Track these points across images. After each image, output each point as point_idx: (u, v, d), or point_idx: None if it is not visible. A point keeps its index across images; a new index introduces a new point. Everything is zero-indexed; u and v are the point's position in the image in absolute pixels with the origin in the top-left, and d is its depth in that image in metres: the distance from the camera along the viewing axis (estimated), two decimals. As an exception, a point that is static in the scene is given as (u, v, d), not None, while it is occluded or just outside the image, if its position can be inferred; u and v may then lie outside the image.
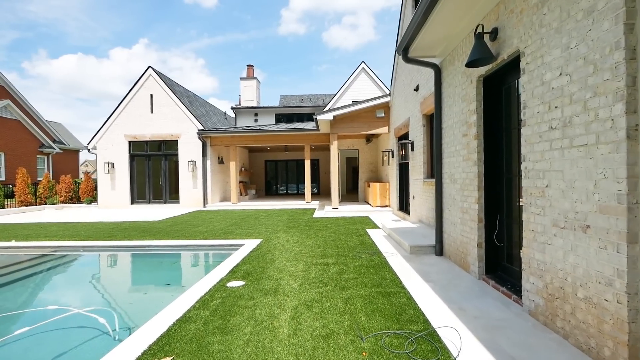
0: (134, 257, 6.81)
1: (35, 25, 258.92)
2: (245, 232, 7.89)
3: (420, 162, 7.48)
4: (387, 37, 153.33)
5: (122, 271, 6.16)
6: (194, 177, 14.41)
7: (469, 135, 4.08)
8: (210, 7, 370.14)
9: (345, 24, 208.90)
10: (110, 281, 5.50)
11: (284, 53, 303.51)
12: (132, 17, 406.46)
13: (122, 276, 5.83)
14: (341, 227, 8.18)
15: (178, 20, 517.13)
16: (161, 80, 14.46)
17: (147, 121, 14.52)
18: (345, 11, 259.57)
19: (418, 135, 7.62)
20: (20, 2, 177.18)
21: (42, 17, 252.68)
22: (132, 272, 6.11)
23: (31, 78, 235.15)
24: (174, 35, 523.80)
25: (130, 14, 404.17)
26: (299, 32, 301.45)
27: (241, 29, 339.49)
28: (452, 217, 4.66)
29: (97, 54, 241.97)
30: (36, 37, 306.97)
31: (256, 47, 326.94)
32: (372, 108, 11.17)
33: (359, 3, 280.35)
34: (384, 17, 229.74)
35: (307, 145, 14.34)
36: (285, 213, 11.65)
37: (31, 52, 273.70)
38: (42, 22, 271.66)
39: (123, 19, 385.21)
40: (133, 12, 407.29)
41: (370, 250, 5.66)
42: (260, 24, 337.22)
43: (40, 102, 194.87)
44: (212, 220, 10.07)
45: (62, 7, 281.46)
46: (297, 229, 8.12)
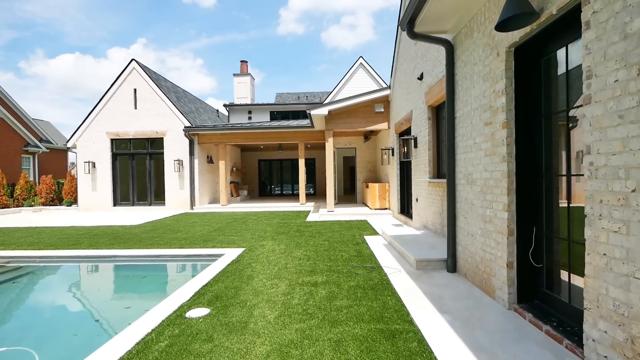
0: (91, 271, 5.91)
1: (33, 24, 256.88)
2: (228, 239, 6.99)
3: (425, 160, 6.60)
4: (386, 37, 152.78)
5: (73, 290, 5.22)
6: (181, 178, 13.49)
7: (493, 123, 3.19)
8: (209, 7, 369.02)
9: (344, 24, 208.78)
10: (53, 304, 4.58)
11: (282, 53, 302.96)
12: (130, 16, 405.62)
13: (70, 298, 4.88)
14: (336, 234, 7.28)
15: (176, 20, 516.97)
16: (145, 74, 13.54)
17: (131, 118, 13.60)
18: (344, 11, 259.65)
19: (422, 129, 6.74)
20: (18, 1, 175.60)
21: (39, 17, 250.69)
22: (83, 291, 5.18)
23: (28, 78, 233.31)
24: (172, 35, 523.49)
25: (128, 13, 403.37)
26: (298, 32, 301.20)
27: (240, 29, 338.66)
28: (469, 227, 3.78)
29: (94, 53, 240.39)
30: (33, 36, 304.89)
31: (255, 47, 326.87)
32: (370, 102, 10.29)
33: (358, 3, 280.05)
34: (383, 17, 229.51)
35: (301, 143, 13.45)
36: (277, 216, 10.76)
37: (28, 51, 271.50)
38: (39, 22, 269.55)
39: (121, 19, 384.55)
40: (131, 12, 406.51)
41: (368, 264, 4.77)
42: (259, 23, 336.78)
43: (37, 102, 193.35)
44: (195, 225, 9.16)
45: (59, 7, 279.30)
46: (286, 236, 7.23)
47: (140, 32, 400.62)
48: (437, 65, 5.81)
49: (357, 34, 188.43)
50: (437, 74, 5.77)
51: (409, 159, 7.46)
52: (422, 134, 6.81)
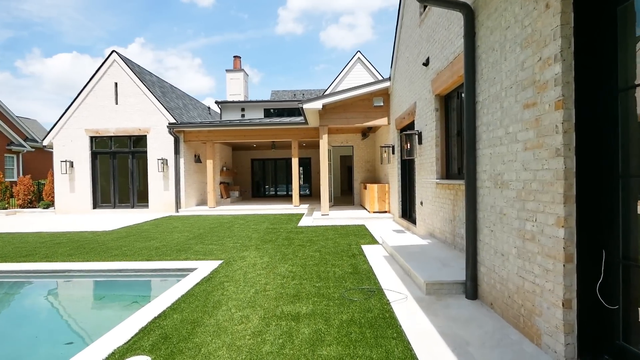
0: (32, 291, 4.99)
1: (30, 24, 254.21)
2: (206, 249, 6.08)
3: (432, 158, 5.72)
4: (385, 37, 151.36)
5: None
6: (165, 178, 12.56)
7: (539, 104, 2.31)
8: (207, 6, 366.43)
9: (343, 24, 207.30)
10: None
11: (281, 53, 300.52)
12: (128, 16, 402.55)
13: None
14: (329, 242, 6.39)
15: (175, 19, 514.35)
16: (127, 67, 12.60)
17: (111, 114, 12.65)
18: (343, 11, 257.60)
19: (428, 123, 5.86)
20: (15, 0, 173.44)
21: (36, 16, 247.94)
22: (11, 318, 4.24)
23: (25, 77, 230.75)
24: (170, 35, 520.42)
25: (126, 13, 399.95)
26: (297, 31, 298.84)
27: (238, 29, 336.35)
28: (497, 244, 2.89)
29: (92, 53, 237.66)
30: (31, 36, 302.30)
31: (253, 46, 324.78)
32: (368, 95, 9.40)
33: (356, 3, 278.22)
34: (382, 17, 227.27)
35: (294, 141, 12.55)
36: (267, 220, 9.85)
37: (25, 51, 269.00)
38: (36, 21, 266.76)
39: (119, 18, 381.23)
40: (129, 12, 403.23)
41: (366, 285, 3.87)
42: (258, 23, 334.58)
43: (34, 102, 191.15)
44: (174, 231, 8.24)
45: (57, 6, 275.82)
46: (273, 245, 6.32)
47: (138, 32, 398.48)
48: (446, 45, 4.92)
49: (356, 33, 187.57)
50: (447, 55, 4.89)
51: (412, 157, 6.58)
52: (427, 128, 5.93)
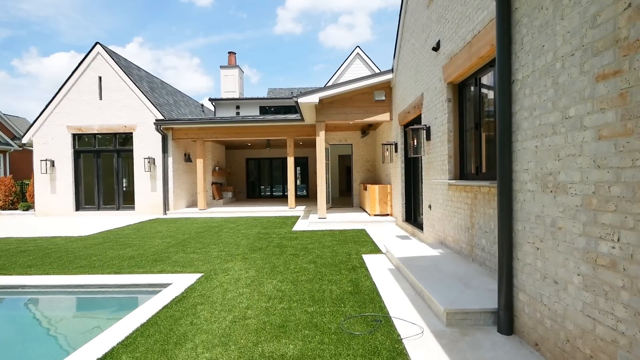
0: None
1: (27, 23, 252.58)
2: (186, 259, 5.34)
3: (442, 156, 5.00)
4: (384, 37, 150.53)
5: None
6: (153, 178, 11.80)
7: (626, 71, 1.59)
8: (206, 6, 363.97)
9: (342, 24, 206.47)
10: None
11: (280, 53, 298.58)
12: (127, 15, 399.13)
13: None
14: (326, 251, 5.65)
15: (173, 19, 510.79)
16: (112, 60, 11.84)
17: (95, 110, 11.88)
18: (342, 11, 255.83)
19: (439, 116, 5.14)
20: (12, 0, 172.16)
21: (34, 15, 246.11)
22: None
23: (21, 77, 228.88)
24: (169, 34, 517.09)
25: (124, 12, 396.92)
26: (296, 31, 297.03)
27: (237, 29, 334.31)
28: (548, 266, 2.18)
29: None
30: (28, 35, 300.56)
31: (252, 46, 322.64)
32: (369, 88, 8.68)
33: (355, 3, 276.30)
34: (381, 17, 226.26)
35: (289, 139, 11.82)
36: (259, 224, 9.11)
37: (22, 50, 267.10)
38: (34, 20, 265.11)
39: (117, 18, 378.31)
40: (127, 11, 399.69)
41: (370, 310, 3.15)
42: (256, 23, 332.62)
43: (31, 101, 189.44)
44: (156, 236, 7.50)
45: (54, 5, 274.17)
46: (262, 253, 5.59)
47: (136, 31, 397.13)
48: (462, 23, 4.21)
49: (354, 33, 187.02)
50: (464, 35, 4.17)
51: (419, 155, 5.86)
52: (437, 121, 5.21)
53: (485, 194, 3.71)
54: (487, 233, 3.68)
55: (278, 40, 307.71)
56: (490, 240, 3.61)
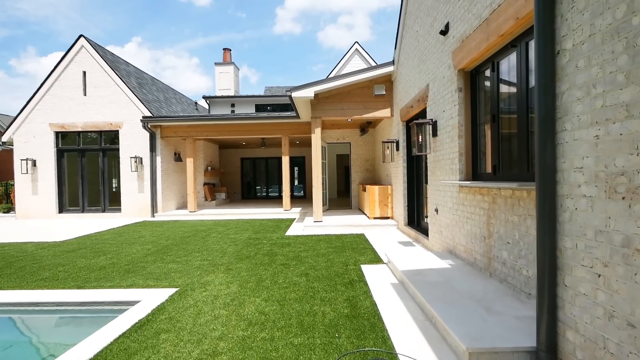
0: None
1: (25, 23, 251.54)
2: (163, 270, 4.73)
3: (452, 154, 4.41)
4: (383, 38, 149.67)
5: None
6: (140, 179, 11.18)
7: None
8: (205, 5, 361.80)
9: (341, 24, 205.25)
10: None
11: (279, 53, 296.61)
12: (125, 15, 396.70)
13: None
14: (320, 260, 5.05)
15: (172, 19, 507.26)
16: (97, 54, 11.20)
17: (79, 106, 11.25)
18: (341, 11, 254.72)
19: (447, 108, 4.54)
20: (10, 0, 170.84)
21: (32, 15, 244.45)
22: None
23: (19, 76, 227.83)
24: (167, 34, 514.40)
25: (123, 12, 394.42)
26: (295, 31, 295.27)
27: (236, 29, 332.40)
28: (619, 304, 1.58)
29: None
30: (26, 34, 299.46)
31: (251, 46, 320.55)
32: (368, 82, 8.08)
33: (355, 3, 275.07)
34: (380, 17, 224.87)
35: (284, 137, 11.21)
36: (251, 227, 8.51)
37: (20, 50, 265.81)
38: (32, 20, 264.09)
39: (116, 18, 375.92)
40: (126, 11, 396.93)
41: (371, 343, 2.54)
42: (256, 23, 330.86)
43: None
44: (137, 242, 6.88)
45: (53, 5, 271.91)
46: (249, 263, 4.98)
47: (135, 31, 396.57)
48: (476, 1, 3.61)
49: (354, 33, 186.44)
50: (479, 12, 3.58)
51: (423, 153, 5.26)
52: (445, 115, 4.61)
53: (507, 198, 3.11)
54: (509, 245, 3.08)
55: (277, 40, 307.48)
56: (514, 253, 3.01)
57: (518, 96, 3.17)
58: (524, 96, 3.07)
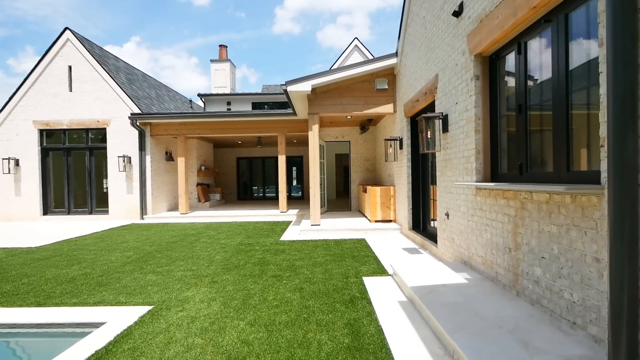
0: None
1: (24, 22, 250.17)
2: (140, 283, 4.18)
3: (468, 151, 3.88)
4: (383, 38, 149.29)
5: None
6: (129, 179, 10.61)
7: None
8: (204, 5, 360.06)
9: (341, 24, 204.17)
10: None
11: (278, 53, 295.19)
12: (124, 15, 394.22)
13: None
14: (317, 271, 4.50)
15: (171, 18, 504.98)
16: (83, 48, 10.63)
17: (65, 103, 10.68)
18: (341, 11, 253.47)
19: (461, 100, 4.01)
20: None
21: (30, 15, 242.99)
22: None
23: (17, 76, 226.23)
24: (166, 34, 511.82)
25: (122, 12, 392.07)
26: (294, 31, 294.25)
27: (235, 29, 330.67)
28: None
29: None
30: (24, 34, 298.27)
31: (250, 46, 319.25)
32: (369, 75, 7.54)
33: (354, 3, 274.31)
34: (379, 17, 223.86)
35: (281, 135, 10.66)
36: (244, 231, 7.95)
37: (18, 49, 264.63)
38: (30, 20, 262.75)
39: (115, 17, 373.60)
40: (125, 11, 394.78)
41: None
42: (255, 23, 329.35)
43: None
44: (118, 248, 6.33)
45: (51, 5, 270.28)
46: (237, 275, 4.43)
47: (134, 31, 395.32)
48: (502, -31, 3.07)
49: (353, 33, 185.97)
50: (504, -16, 3.03)
51: (432, 151, 4.72)
52: (459, 107, 4.07)
53: (542, 204, 2.58)
54: (545, 260, 2.55)
55: (276, 40, 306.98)
56: (551, 271, 2.47)
57: (554, 82, 2.63)
58: (562, 81, 2.54)
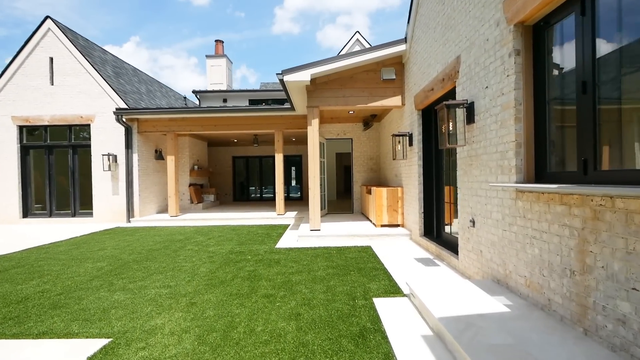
0: None
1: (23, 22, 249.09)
2: (102, 306, 3.44)
3: (504, 144, 3.15)
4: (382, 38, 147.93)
5: None
6: (114, 179, 9.87)
7: None
8: (203, 5, 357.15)
9: (340, 24, 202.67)
10: None
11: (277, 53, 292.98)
12: (124, 15, 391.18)
13: None
14: (318, 289, 3.76)
15: (170, 18, 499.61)
16: (66, 38, 9.89)
17: (46, 97, 9.93)
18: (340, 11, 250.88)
19: (494, 82, 3.27)
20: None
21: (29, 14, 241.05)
22: None
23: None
24: (166, 34, 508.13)
25: (121, 12, 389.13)
26: (293, 31, 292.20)
27: (235, 29, 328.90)
28: None
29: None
30: (23, 34, 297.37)
31: (249, 46, 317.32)
32: (375, 64, 6.81)
33: (353, 3, 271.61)
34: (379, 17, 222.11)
35: (278, 132, 9.93)
36: (236, 237, 7.21)
37: (17, 48, 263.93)
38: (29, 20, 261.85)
39: (114, 17, 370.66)
40: (124, 10, 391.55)
41: None
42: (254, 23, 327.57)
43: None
44: (91, 258, 5.59)
45: (50, 4, 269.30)
46: (222, 293, 3.70)
47: (133, 31, 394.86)
48: None
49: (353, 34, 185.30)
50: None
51: (455, 146, 3.98)
52: (490, 92, 3.34)
53: (631, 213, 1.84)
54: (638, 292, 1.81)
55: (275, 40, 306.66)
56: (652, 310, 1.74)
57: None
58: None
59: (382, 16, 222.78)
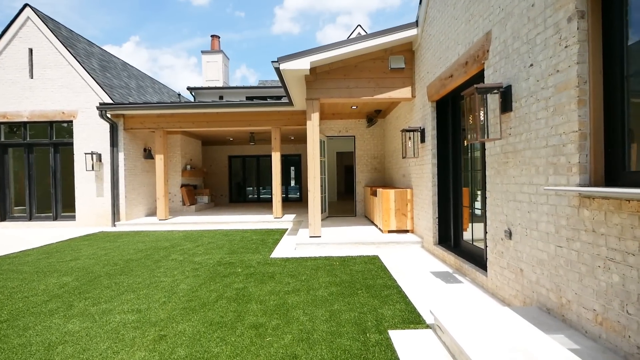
0: None
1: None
2: (47, 340, 2.73)
3: (559, 136, 2.45)
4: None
5: None
6: (99, 179, 9.15)
7: None
8: (203, 5, 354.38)
9: (340, 24, 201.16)
10: None
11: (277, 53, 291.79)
12: (123, 15, 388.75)
13: None
14: (318, 317, 3.05)
15: (170, 18, 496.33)
16: (47, 28, 9.17)
17: (25, 91, 9.21)
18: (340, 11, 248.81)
19: (542, 58, 2.57)
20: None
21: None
22: None
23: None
24: (165, 34, 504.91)
25: (121, 11, 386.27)
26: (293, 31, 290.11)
27: (235, 29, 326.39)
28: None
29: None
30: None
31: (249, 46, 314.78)
32: (382, 52, 6.10)
33: (353, 3, 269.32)
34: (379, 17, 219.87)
35: (275, 129, 9.22)
36: (227, 243, 6.50)
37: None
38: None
39: (114, 17, 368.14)
40: (124, 10, 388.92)
41: None
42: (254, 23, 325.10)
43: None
44: (58, 270, 4.87)
45: (50, 4, 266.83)
46: (201, 322, 2.99)
47: (133, 31, 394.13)
48: None
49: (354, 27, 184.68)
50: None
51: (490, 139, 3.27)
52: (537, 71, 2.65)
53: None
54: None
55: (275, 40, 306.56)
56: None
57: None
58: None
59: (383, 16, 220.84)
